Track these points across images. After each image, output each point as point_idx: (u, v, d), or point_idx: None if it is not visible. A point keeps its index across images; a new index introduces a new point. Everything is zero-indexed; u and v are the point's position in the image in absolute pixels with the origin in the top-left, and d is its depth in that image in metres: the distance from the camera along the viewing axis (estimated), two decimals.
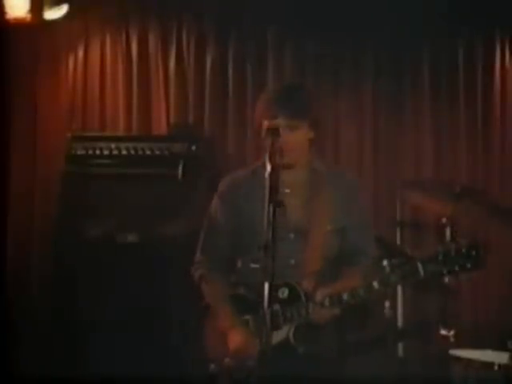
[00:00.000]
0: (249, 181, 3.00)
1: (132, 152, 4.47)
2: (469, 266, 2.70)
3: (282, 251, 2.71)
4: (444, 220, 3.95)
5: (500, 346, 3.67)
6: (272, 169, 2.72)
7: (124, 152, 4.47)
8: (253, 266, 2.91)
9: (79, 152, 4.49)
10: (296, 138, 2.85)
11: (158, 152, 4.45)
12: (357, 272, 2.91)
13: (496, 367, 3.56)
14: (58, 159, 4.65)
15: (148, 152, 4.46)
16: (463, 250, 2.69)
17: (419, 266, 2.71)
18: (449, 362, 3.68)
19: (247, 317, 2.87)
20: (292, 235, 2.89)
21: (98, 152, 4.48)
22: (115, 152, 4.47)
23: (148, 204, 4.38)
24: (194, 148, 4.43)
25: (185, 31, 4.94)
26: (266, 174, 2.80)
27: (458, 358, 3.66)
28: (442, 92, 4.89)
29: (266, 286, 3.17)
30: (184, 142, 4.45)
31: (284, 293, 2.83)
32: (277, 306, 2.77)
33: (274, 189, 2.62)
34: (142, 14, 4.95)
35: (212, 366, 2.88)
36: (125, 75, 4.96)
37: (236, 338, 2.84)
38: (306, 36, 4.88)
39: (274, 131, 2.80)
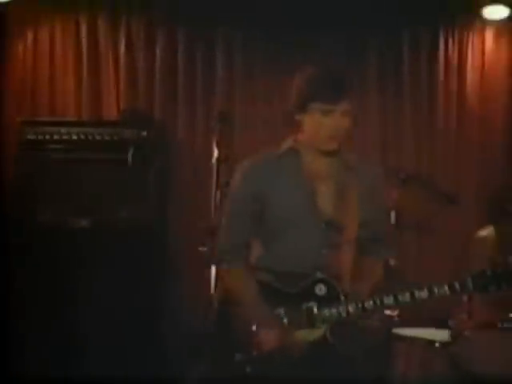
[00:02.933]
0: (276, 163, 2.77)
1: (82, 137, 4.47)
2: None
3: (314, 240, 2.69)
4: (389, 205, 4.04)
5: (441, 325, 3.82)
6: (219, 154, 2.72)
7: (74, 137, 4.47)
8: (278, 250, 2.76)
9: (30, 137, 4.47)
10: (346, 123, 2.68)
11: (108, 137, 4.46)
12: (378, 264, 2.88)
13: (437, 344, 3.72)
14: (9, 144, 4.65)
15: (98, 137, 4.47)
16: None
17: (469, 280, 2.63)
18: (392, 341, 3.81)
19: (279, 310, 2.68)
20: (323, 225, 2.72)
21: (48, 137, 4.47)
22: (66, 137, 4.47)
23: (99, 189, 4.41)
24: (144, 134, 4.46)
25: (134, 18, 4.94)
26: (213, 160, 2.80)
27: (402, 337, 3.79)
28: (388, 80, 4.97)
29: (213, 269, 3.21)
30: (134, 128, 4.47)
31: (321, 290, 2.68)
32: (313, 303, 2.66)
33: (218, 174, 2.68)
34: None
35: (238, 355, 2.69)
36: (75, 62, 4.95)
37: (270, 333, 2.64)
38: (255, 24, 4.91)
39: (224, 118, 2.73)
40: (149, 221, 4.47)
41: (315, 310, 2.65)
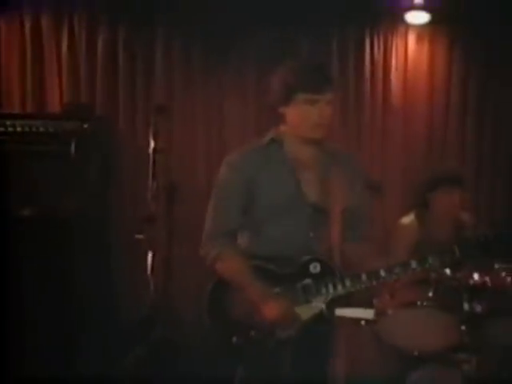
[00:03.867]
0: (261, 153, 2.81)
1: (27, 129, 4.53)
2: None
3: (300, 224, 2.75)
4: None
5: (367, 304, 3.96)
6: (155, 145, 2.80)
7: (19, 129, 4.53)
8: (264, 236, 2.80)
9: None
10: (330, 112, 2.75)
11: (51, 130, 4.53)
12: (360, 246, 2.88)
13: (363, 323, 3.92)
14: None
15: (42, 129, 4.53)
16: (491, 237, 2.73)
17: (455, 248, 2.73)
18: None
19: (276, 290, 2.73)
20: (310, 210, 2.77)
21: None
22: (10, 129, 4.53)
23: (43, 180, 4.46)
24: (86, 126, 4.55)
25: (76, 16, 5.03)
26: (150, 150, 2.86)
27: None
28: None
29: (149, 255, 3.28)
30: (76, 120, 4.55)
31: (316, 267, 2.73)
32: (308, 281, 2.71)
33: (155, 165, 2.78)
34: None
35: (234, 338, 2.72)
36: (20, 58, 5.03)
37: (272, 311, 2.68)
38: (193, 23, 5.05)
39: (161, 111, 2.79)
40: (90, 210, 4.58)
41: (312, 286, 2.71)
